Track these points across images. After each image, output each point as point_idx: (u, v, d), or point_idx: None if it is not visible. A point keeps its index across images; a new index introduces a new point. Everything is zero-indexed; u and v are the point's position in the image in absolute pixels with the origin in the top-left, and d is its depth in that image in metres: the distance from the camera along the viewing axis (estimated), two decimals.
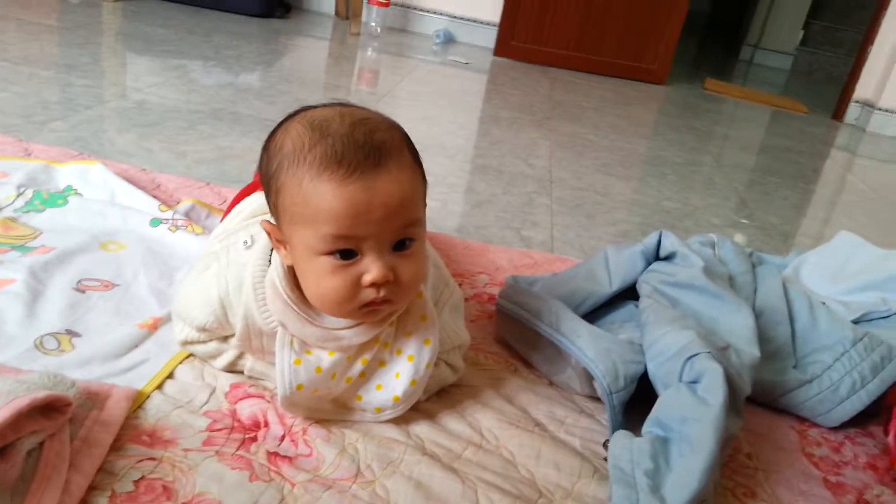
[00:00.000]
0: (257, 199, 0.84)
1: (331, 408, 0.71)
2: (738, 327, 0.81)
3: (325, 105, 0.66)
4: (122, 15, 2.65)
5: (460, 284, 1.03)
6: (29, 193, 1.03)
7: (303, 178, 0.61)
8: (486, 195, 1.49)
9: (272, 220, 0.67)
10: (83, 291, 0.84)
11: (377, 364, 0.71)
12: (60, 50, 2.07)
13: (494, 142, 1.91)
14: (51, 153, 1.22)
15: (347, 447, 0.68)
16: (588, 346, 0.78)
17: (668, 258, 0.92)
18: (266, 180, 0.66)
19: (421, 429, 0.72)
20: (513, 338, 0.89)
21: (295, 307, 0.66)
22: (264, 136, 0.68)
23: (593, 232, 1.39)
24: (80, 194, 1.07)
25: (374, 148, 0.60)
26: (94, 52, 2.08)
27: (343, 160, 0.60)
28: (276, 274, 0.67)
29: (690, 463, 0.65)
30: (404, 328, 0.71)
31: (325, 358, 0.68)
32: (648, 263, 0.93)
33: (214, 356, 0.75)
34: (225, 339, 0.74)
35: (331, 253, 0.62)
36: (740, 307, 0.83)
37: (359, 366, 0.69)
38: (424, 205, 0.68)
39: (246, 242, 0.72)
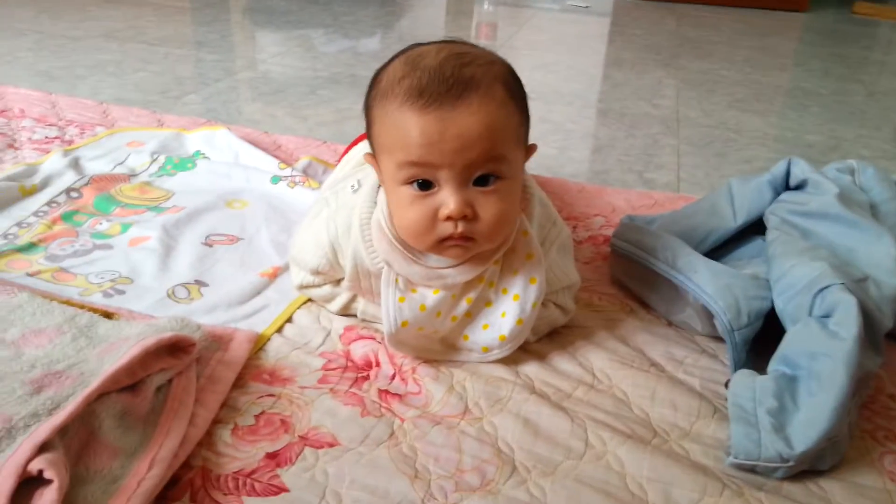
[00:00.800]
0: (365, 147, 0.85)
1: (439, 348, 0.71)
2: (878, 257, 0.73)
3: (435, 42, 0.66)
4: None
5: (575, 227, 1.00)
6: (161, 159, 1.11)
7: (388, 108, 0.62)
8: (606, 139, 1.44)
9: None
10: (211, 245, 0.90)
11: (483, 303, 0.71)
12: (192, 29, 2.19)
13: (616, 84, 1.83)
14: (181, 122, 1.30)
15: (455, 385, 0.68)
16: (707, 281, 0.74)
17: (799, 187, 0.84)
18: (365, 114, 0.67)
19: (530, 369, 0.71)
20: (628, 278, 0.86)
21: (399, 245, 0.67)
22: None
23: (724, 171, 1.31)
24: (207, 158, 1.14)
25: (458, 81, 0.60)
26: (222, 28, 2.19)
27: (424, 92, 0.59)
28: (380, 213, 0.68)
29: (820, 401, 0.61)
30: (510, 267, 0.70)
31: (430, 296, 0.68)
32: (777, 194, 0.86)
33: (329, 299, 0.77)
34: (338, 282, 0.77)
35: (409, 183, 0.62)
36: (881, 235, 0.75)
37: (464, 304, 0.69)
38: (521, 145, 0.66)
39: (353, 186, 0.74)
